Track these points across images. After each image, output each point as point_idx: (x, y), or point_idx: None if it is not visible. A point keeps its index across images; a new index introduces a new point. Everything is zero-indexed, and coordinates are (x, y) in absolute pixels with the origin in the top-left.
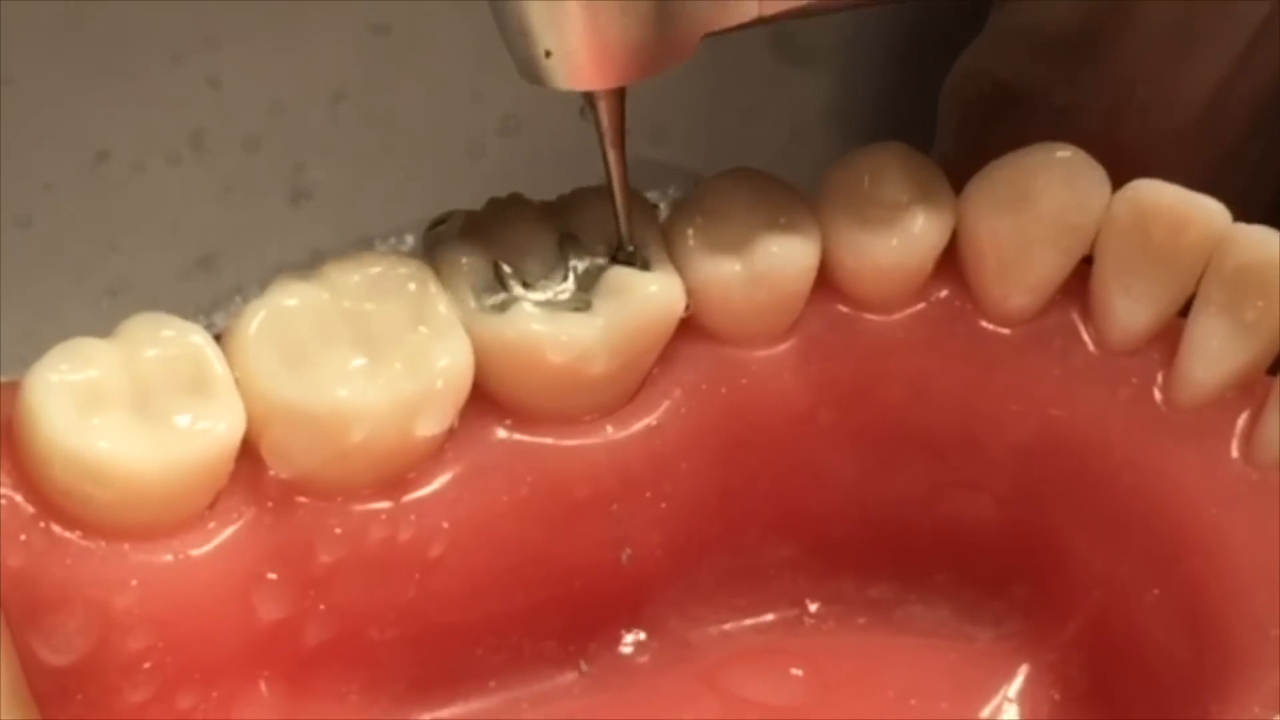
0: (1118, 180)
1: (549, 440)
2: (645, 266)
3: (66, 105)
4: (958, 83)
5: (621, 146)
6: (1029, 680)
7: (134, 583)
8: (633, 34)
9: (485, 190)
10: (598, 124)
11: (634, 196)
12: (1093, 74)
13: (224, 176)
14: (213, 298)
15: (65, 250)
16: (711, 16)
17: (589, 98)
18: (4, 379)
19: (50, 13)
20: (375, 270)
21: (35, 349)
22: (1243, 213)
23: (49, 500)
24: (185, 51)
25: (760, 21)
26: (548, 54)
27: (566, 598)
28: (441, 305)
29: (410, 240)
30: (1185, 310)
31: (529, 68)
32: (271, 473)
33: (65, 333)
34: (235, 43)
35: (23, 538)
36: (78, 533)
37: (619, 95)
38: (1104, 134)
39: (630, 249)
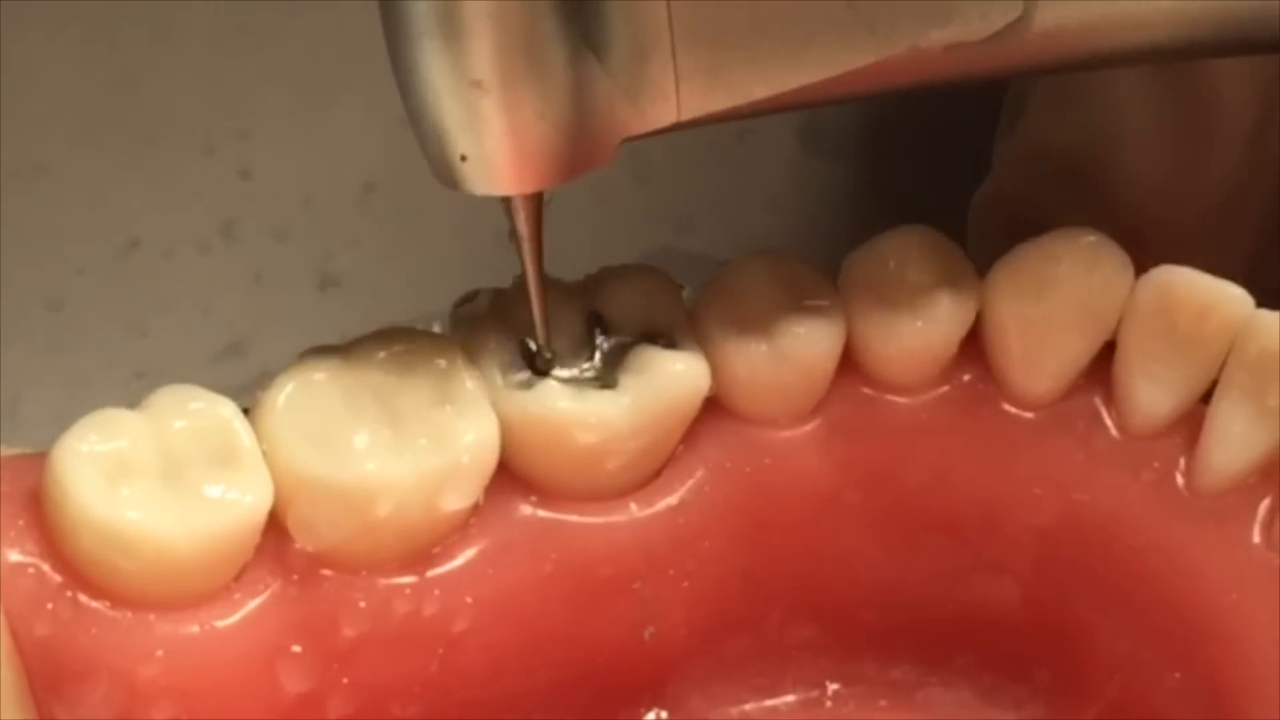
0: None
1: (573, 518)
2: (671, 346)
3: (100, 193)
4: (980, 211)
5: (538, 251)
6: None
7: (159, 653)
8: (550, 139)
9: (511, 279)
10: (514, 229)
11: (659, 276)
12: (1103, 195)
13: (254, 264)
14: (241, 383)
15: (96, 334)
16: (629, 121)
17: (506, 203)
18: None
19: (86, 104)
20: (402, 347)
21: (65, 430)
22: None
23: (76, 570)
24: (217, 143)
25: (678, 127)
26: (463, 158)
27: (589, 675)
28: (468, 382)
29: (437, 328)
30: (1208, 396)
31: (444, 172)
32: (297, 545)
33: None
34: (266, 135)
35: (49, 606)
36: (104, 602)
37: (536, 200)
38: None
39: (549, 355)
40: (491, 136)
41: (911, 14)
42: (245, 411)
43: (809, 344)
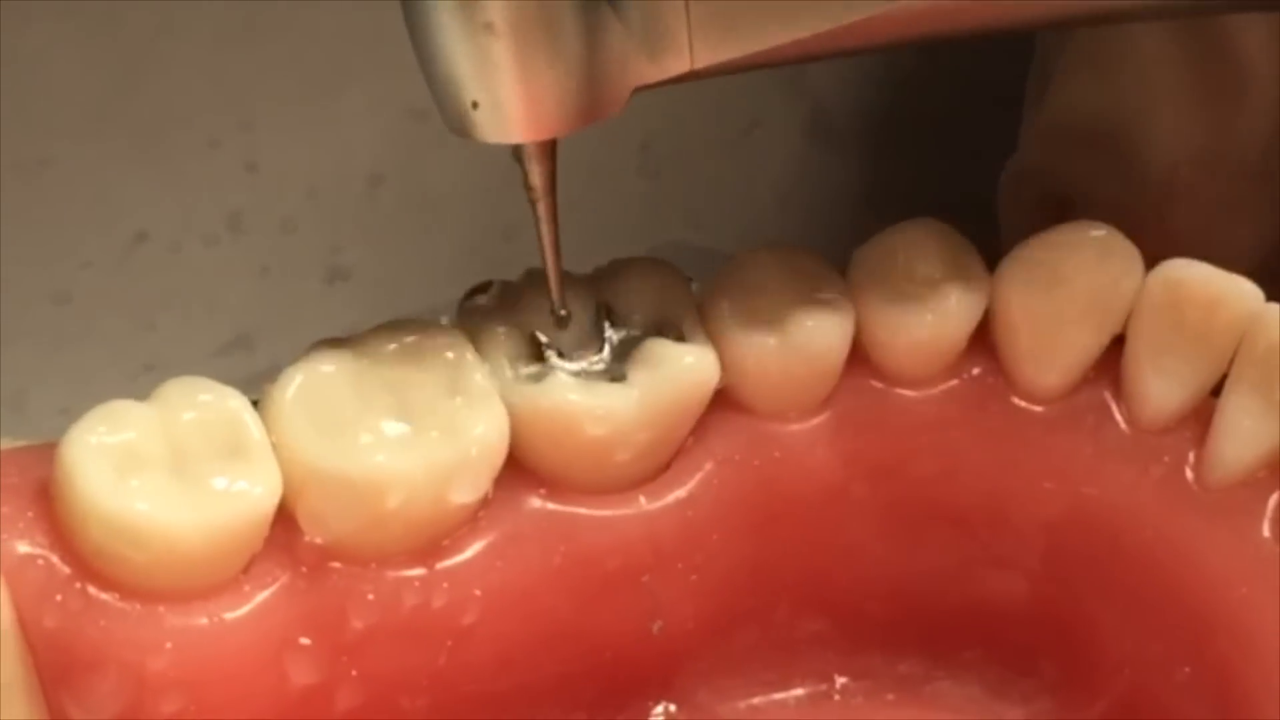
0: None
1: (582, 510)
2: (680, 339)
3: (106, 186)
4: (1010, 185)
5: (553, 203)
6: None
7: (168, 645)
8: (562, 86)
9: (519, 272)
10: (526, 180)
11: (669, 269)
12: (1135, 163)
13: (261, 257)
14: (248, 376)
15: (103, 328)
16: (641, 70)
17: (518, 152)
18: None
19: (92, 97)
20: (412, 339)
21: (71, 423)
22: None
23: (85, 561)
24: (223, 136)
25: (693, 76)
26: (475, 105)
27: (597, 668)
28: (478, 374)
29: (445, 321)
30: (1217, 390)
31: (456, 120)
32: (306, 538)
33: None
34: (272, 127)
35: (58, 598)
36: (113, 594)
37: (549, 149)
38: (1157, 220)
39: (564, 312)
40: (502, 83)
41: None
42: (256, 403)
43: (818, 337)
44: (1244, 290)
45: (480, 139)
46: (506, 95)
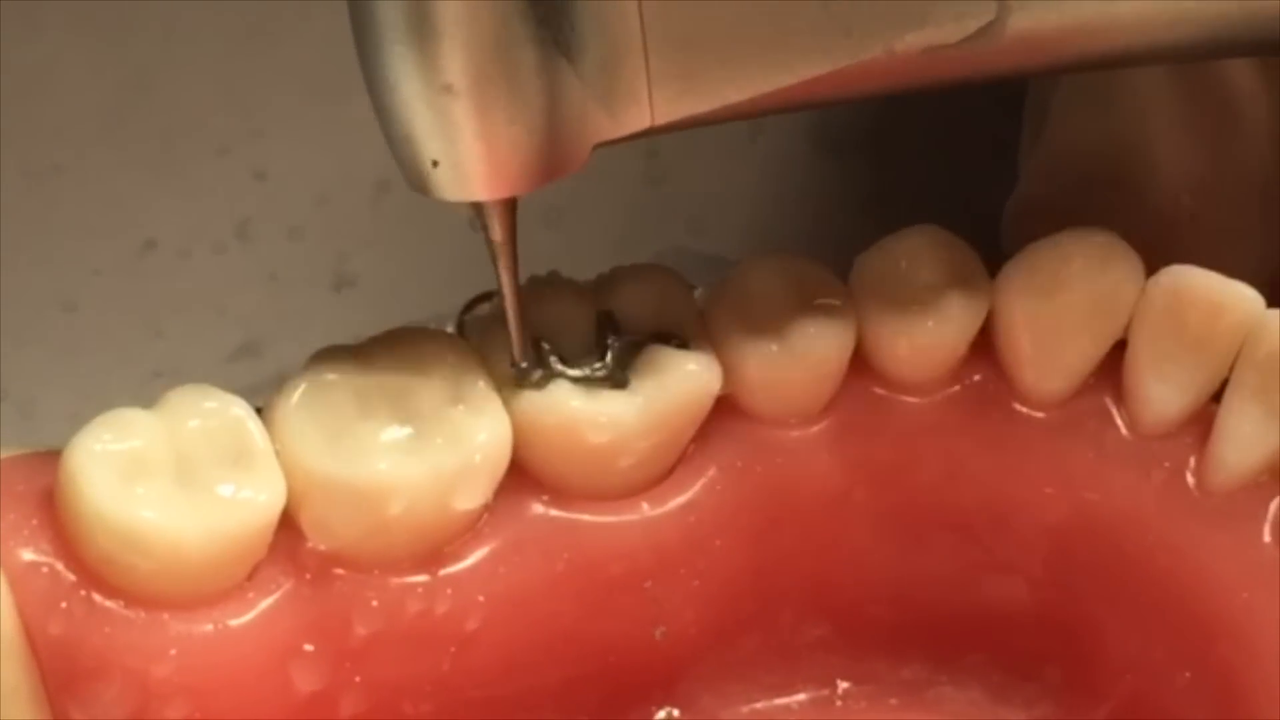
0: None
1: (585, 517)
2: (682, 346)
3: (115, 193)
4: (1015, 218)
5: (513, 258)
6: None
7: (173, 652)
8: (522, 144)
9: (524, 279)
10: (487, 237)
11: (671, 276)
12: (1138, 195)
13: (269, 265)
14: (256, 383)
15: (111, 335)
16: (601, 126)
17: (479, 209)
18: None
19: (101, 104)
20: (415, 346)
21: (79, 431)
22: None
23: (90, 569)
24: (232, 143)
25: (652, 131)
26: (434, 164)
27: (600, 674)
28: (481, 381)
29: (450, 328)
30: (1219, 395)
31: (416, 178)
32: (310, 544)
33: None
34: (281, 135)
35: (63, 605)
36: (118, 601)
37: (510, 206)
38: (1163, 249)
39: (524, 365)
40: (462, 142)
41: (886, 16)
42: (260, 411)
43: (820, 343)
44: (1245, 296)
45: (440, 197)
46: (466, 154)
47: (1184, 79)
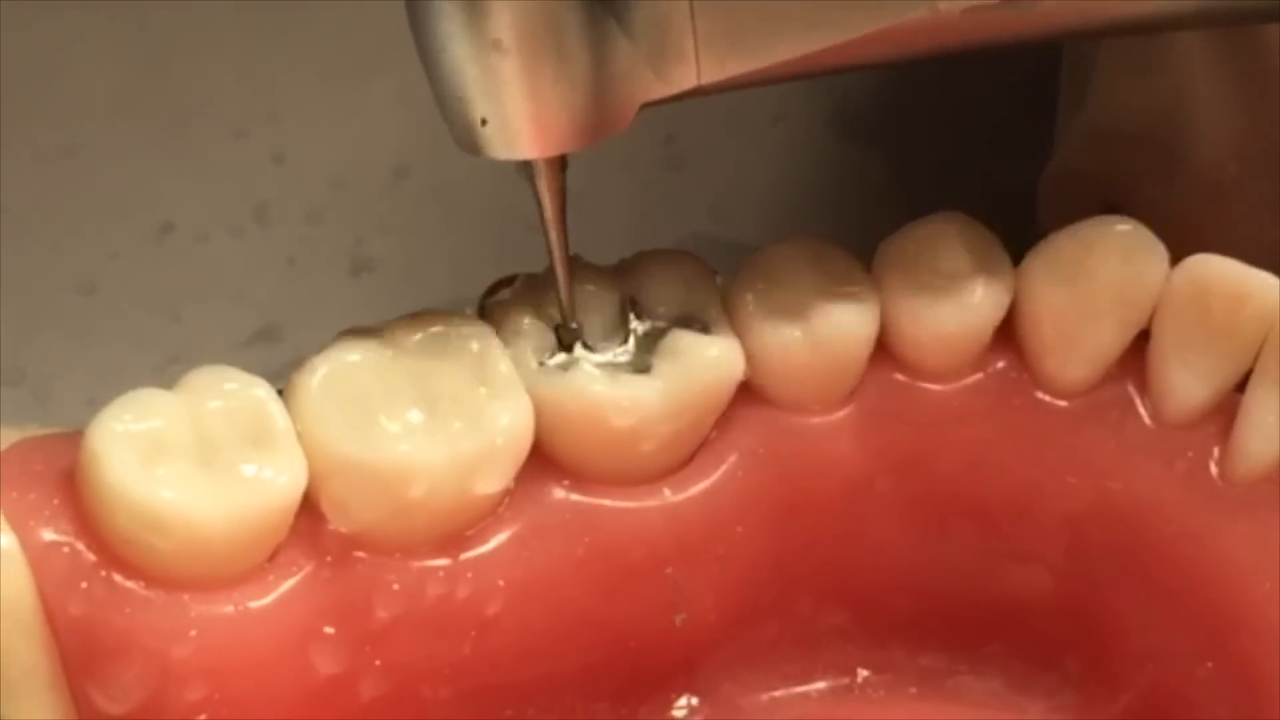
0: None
1: (606, 502)
2: (705, 330)
3: (132, 177)
4: (1052, 188)
5: (562, 218)
6: None
7: (193, 633)
8: (569, 102)
9: (543, 265)
10: (536, 195)
11: (694, 261)
12: (1181, 162)
13: (286, 248)
14: (273, 367)
15: (128, 318)
16: (649, 86)
17: (527, 168)
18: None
19: (118, 87)
20: (437, 329)
21: (98, 412)
22: None
23: (110, 549)
24: (250, 127)
25: (699, 92)
26: (484, 122)
27: (620, 660)
28: (503, 365)
29: (470, 312)
30: (1242, 385)
31: (464, 137)
32: (331, 527)
33: None
34: (298, 119)
35: (84, 586)
36: (138, 582)
37: (558, 164)
38: (1206, 218)
39: (574, 325)
40: (511, 100)
41: None
42: (281, 392)
43: (843, 330)
44: (1269, 285)
45: (489, 155)
46: (515, 112)
47: (1226, 45)
